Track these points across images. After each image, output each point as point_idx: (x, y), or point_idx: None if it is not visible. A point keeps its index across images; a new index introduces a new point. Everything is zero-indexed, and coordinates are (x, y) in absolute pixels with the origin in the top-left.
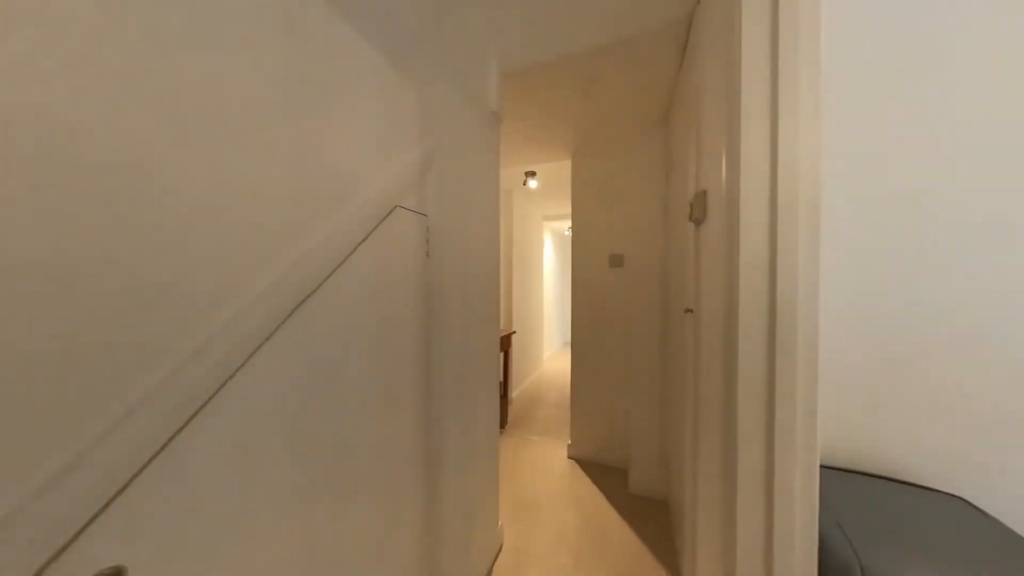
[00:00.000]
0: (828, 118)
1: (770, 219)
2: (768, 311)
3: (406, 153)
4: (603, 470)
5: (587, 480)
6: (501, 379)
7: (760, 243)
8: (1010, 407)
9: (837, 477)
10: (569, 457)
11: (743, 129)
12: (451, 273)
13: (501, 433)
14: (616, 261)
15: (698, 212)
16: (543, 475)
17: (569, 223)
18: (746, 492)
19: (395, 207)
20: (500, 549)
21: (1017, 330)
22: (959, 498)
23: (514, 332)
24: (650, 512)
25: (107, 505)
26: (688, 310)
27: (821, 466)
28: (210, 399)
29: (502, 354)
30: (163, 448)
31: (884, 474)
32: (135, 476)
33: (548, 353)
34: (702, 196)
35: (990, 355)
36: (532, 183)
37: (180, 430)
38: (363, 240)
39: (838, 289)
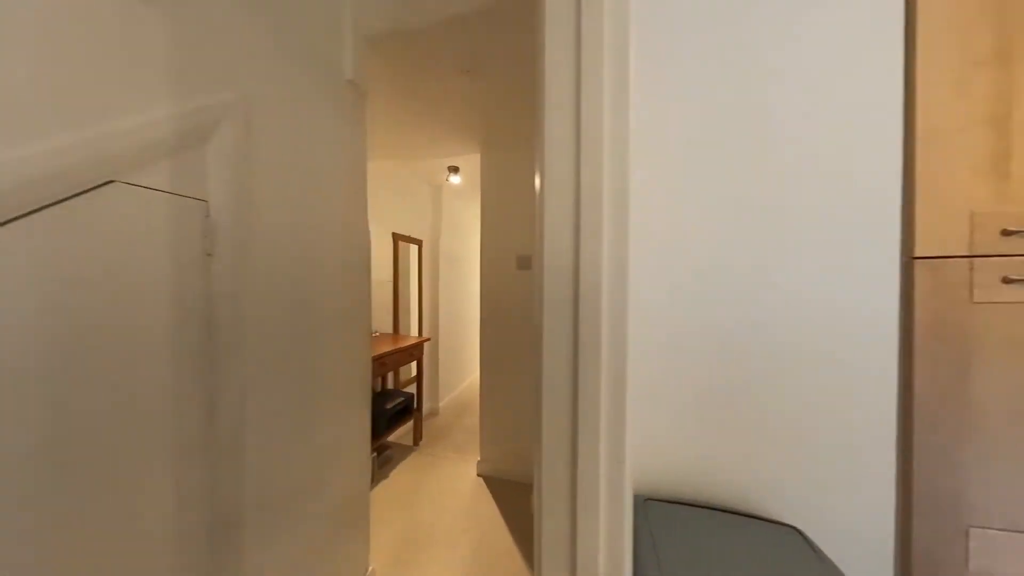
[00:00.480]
0: (645, 107)
1: (574, 215)
2: (572, 318)
3: (143, 108)
4: (512, 487)
5: (491, 501)
6: (413, 392)
7: (565, 241)
8: (844, 433)
9: (665, 509)
10: (478, 475)
11: (546, 114)
12: (257, 276)
13: (415, 450)
14: (524, 263)
15: None
16: (446, 499)
17: None
18: (550, 527)
19: (108, 182)
20: None
21: (872, 355)
22: (793, 529)
23: (428, 339)
24: None
25: None
26: None
27: (648, 499)
28: None
29: (413, 364)
30: None
31: (718, 505)
32: None
33: None
34: None
35: (838, 379)
36: (455, 179)
37: None
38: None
39: (664, 305)
